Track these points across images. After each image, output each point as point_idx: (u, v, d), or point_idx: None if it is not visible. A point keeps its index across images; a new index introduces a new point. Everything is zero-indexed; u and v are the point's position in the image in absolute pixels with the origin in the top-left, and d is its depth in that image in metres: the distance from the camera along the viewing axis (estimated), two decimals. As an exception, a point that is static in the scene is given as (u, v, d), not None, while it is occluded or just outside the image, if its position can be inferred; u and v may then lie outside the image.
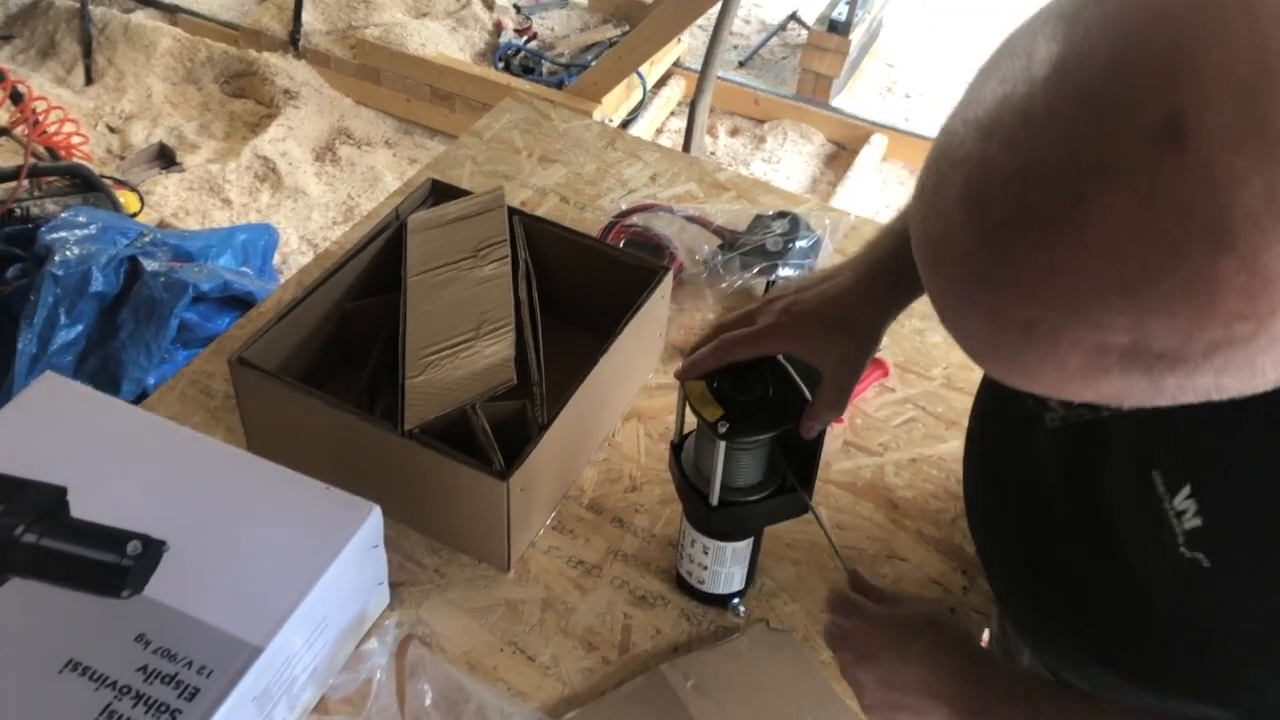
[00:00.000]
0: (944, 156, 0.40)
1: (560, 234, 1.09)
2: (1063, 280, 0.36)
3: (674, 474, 0.84)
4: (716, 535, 0.83)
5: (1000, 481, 0.75)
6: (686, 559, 0.87)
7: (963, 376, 1.12)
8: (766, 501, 0.80)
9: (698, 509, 0.81)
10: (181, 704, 0.66)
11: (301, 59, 3.11)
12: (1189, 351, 0.36)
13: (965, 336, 0.43)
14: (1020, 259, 0.37)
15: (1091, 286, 0.36)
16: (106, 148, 2.85)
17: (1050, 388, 0.41)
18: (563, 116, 1.47)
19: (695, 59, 3.15)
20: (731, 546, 0.83)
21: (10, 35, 3.24)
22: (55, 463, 0.79)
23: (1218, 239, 0.33)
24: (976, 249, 0.38)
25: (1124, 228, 0.34)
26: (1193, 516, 0.52)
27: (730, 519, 0.80)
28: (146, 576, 0.73)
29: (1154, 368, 0.37)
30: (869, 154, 2.94)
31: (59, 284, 1.74)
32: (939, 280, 0.42)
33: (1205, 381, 0.37)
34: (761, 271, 1.19)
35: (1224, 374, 0.36)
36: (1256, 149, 0.32)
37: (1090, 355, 0.37)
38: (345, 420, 0.88)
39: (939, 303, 0.43)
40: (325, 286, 1.00)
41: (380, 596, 0.86)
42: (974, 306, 0.40)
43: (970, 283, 0.39)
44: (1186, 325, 0.35)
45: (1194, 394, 0.38)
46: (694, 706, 0.81)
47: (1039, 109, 0.36)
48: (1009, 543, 0.74)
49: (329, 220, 2.69)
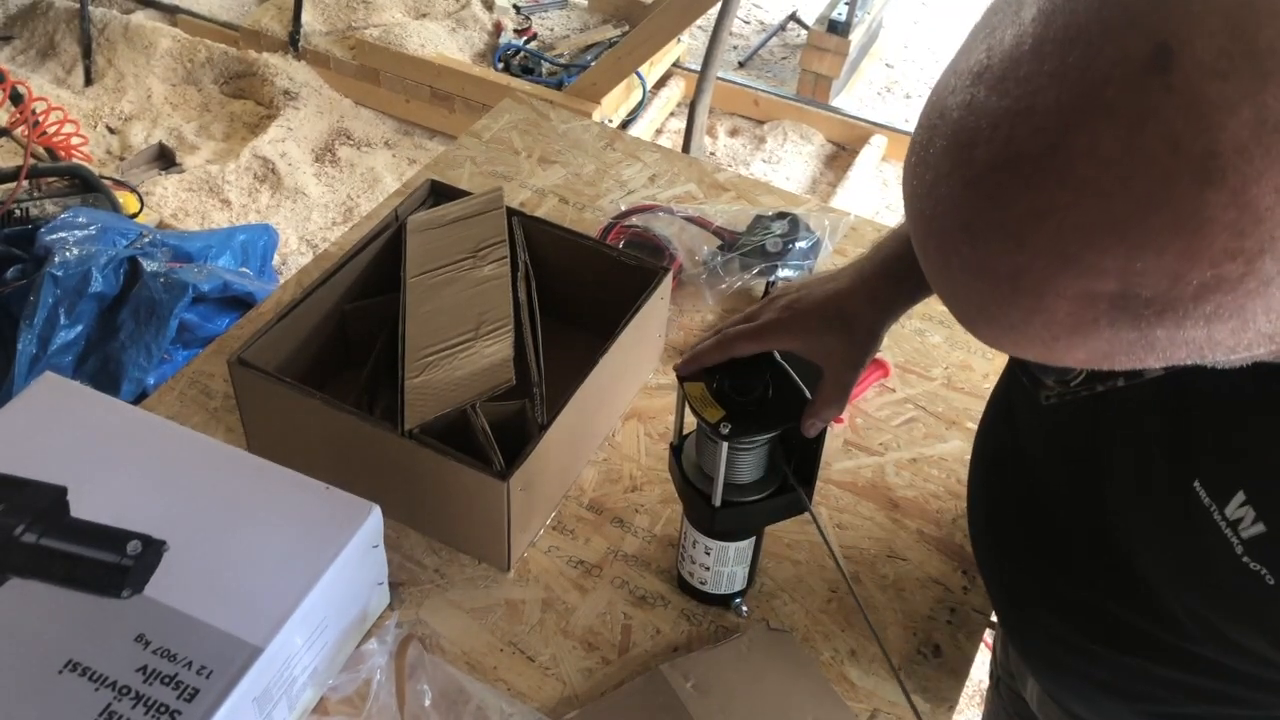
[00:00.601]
0: (934, 109, 0.39)
1: (559, 235, 1.09)
2: (1050, 224, 0.36)
3: (674, 475, 0.84)
4: (719, 536, 0.83)
5: (1005, 508, 0.75)
6: (688, 560, 0.87)
7: (963, 376, 1.12)
8: (768, 501, 0.80)
9: (700, 510, 0.80)
10: (181, 705, 0.66)
11: (301, 60, 3.11)
12: (1178, 295, 0.35)
13: (953, 296, 0.42)
14: (1007, 203, 0.36)
15: (1079, 226, 0.35)
16: (106, 149, 2.85)
17: (1040, 346, 0.40)
18: (562, 117, 1.47)
19: (695, 59, 3.15)
20: (734, 546, 0.83)
21: (10, 36, 3.24)
22: (55, 462, 0.79)
23: (1206, 171, 0.32)
24: (963, 196, 0.38)
25: (1111, 162, 0.34)
26: (1252, 524, 0.50)
27: (733, 519, 0.80)
28: (146, 576, 0.73)
29: (1143, 316, 0.36)
30: (869, 154, 2.94)
31: (59, 284, 1.74)
32: (927, 236, 0.41)
33: (1196, 333, 0.36)
34: (761, 272, 1.19)
35: (1214, 322, 0.35)
36: (1245, 77, 0.32)
37: (1078, 305, 0.37)
38: (345, 420, 0.88)
39: (929, 263, 0.42)
40: (325, 287, 1.00)
41: (380, 597, 0.86)
42: (962, 262, 0.39)
43: (957, 236, 0.39)
44: (1175, 264, 0.34)
45: (1185, 349, 0.37)
46: (694, 707, 0.81)
47: (1026, 51, 0.36)
48: (1015, 561, 0.74)
49: (328, 221, 2.69)
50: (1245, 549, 0.50)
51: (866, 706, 0.83)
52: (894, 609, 0.90)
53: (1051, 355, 0.40)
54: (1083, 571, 0.66)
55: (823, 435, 0.77)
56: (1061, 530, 0.68)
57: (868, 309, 0.76)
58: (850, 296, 0.76)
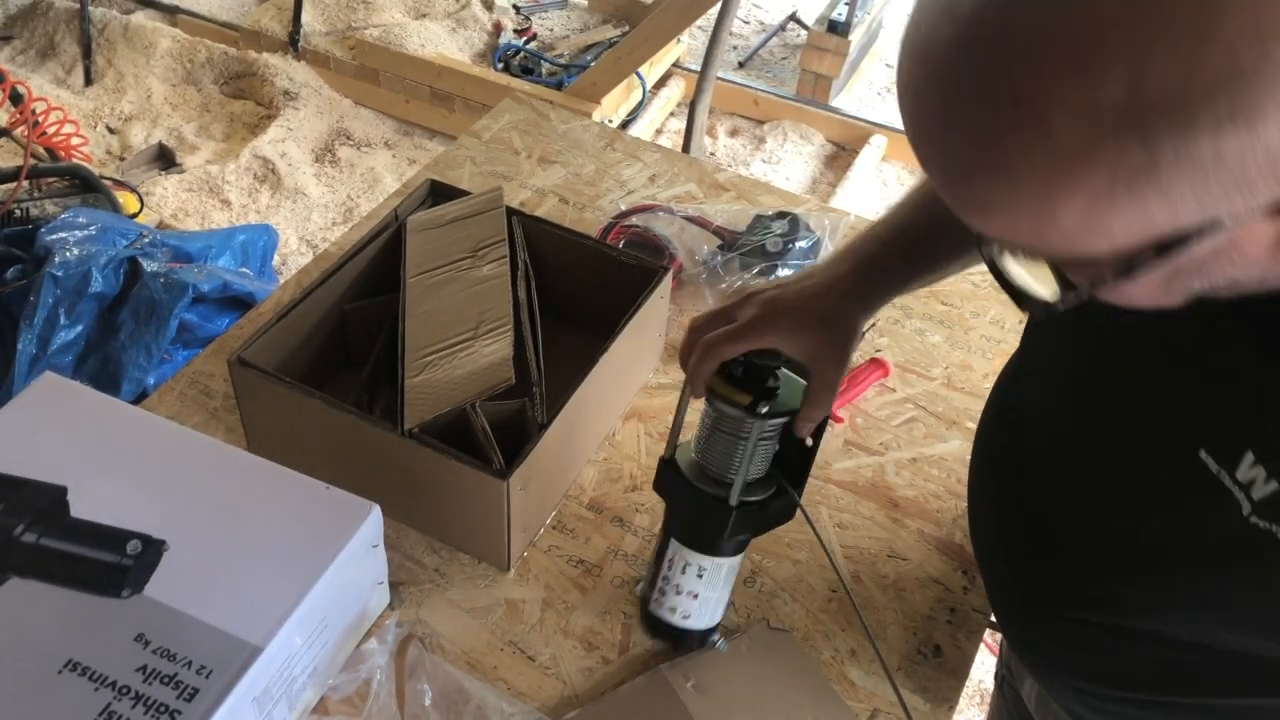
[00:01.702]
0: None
1: (559, 234, 1.09)
2: (1055, 34, 0.35)
3: (671, 487, 0.78)
4: (728, 543, 0.78)
5: (1005, 506, 0.75)
6: (671, 593, 0.81)
7: (963, 376, 1.12)
8: (773, 501, 0.78)
9: (708, 519, 0.76)
10: (181, 704, 0.66)
11: (301, 60, 3.11)
12: (1189, 94, 0.34)
13: (947, 141, 0.40)
14: (1009, 21, 0.36)
15: (1087, 27, 0.34)
16: (106, 149, 2.85)
17: (1039, 193, 0.38)
18: (562, 117, 1.47)
19: (695, 59, 3.15)
20: (727, 564, 0.80)
21: (10, 36, 3.24)
22: (55, 462, 0.79)
23: None
24: (964, 23, 0.37)
25: None
26: (1265, 483, 0.50)
27: (744, 523, 0.77)
28: (146, 576, 0.73)
29: (1150, 129, 0.35)
30: (869, 154, 2.94)
31: (59, 285, 1.75)
32: (925, 80, 0.40)
33: (1204, 148, 0.35)
34: (761, 272, 1.19)
35: (1223, 130, 0.34)
36: None
37: (1083, 123, 0.36)
38: (345, 420, 0.88)
39: (925, 109, 0.41)
40: (324, 287, 1.00)
41: (380, 596, 0.86)
42: (960, 96, 0.38)
43: (957, 65, 0.38)
44: (1186, 58, 0.33)
45: (1190, 180, 0.36)
46: (694, 706, 0.81)
47: None
48: (1014, 559, 0.73)
49: (328, 221, 2.69)
50: (1255, 509, 0.50)
51: (867, 706, 0.83)
52: (894, 609, 0.90)
53: (1050, 205, 0.38)
54: (1084, 564, 0.66)
55: (820, 436, 0.77)
56: (1063, 525, 0.68)
57: (843, 305, 0.75)
58: (827, 294, 0.75)
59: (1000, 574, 0.75)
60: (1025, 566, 0.71)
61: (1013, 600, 0.75)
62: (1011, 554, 0.73)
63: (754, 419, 0.72)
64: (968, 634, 0.89)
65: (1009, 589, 0.75)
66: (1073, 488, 0.66)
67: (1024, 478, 0.72)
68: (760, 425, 0.73)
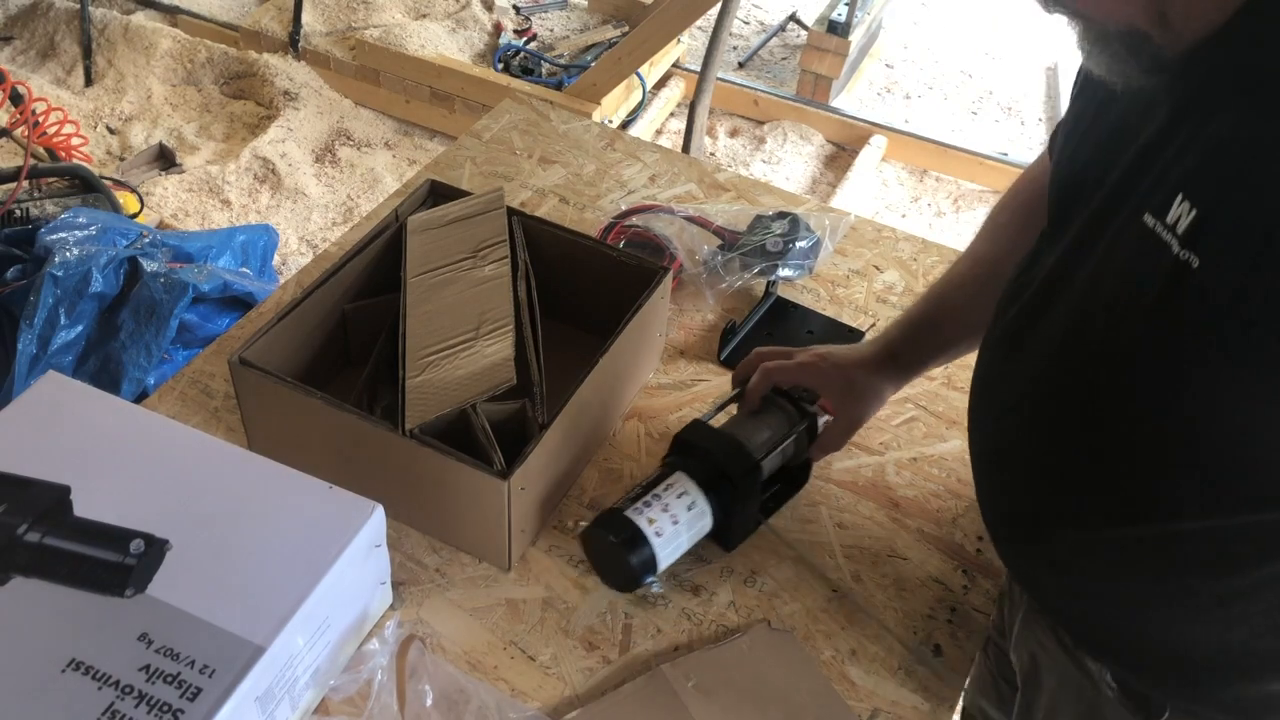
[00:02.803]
0: None
1: (560, 235, 1.09)
2: None
3: (706, 431, 0.92)
4: (741, 488, 0.88)
5: (999, 414, 0.80)
6: (656, 506, 0.85)
7: (963, 376, 1.13)
8: (768, 487, 0.95)
9: (733, 461, 0.88)
10: (184, 704, 0.66)
11: (301, 60, 3.11)
12: None
13: None
14: None
15: None
16: (106, 149, 2.85)
17: None
18: (562, 117, 1.47)
19: (695, 60, 3.15)
20: (706, 520, 0.88)
21: (10, 36, 3.24)
22: (58, 462, 0.79)
23: None
24: None
25: None
26: (1187, 215, 0.56)
27: (753, 481, 0.90)
28: (149, 575, 0.73)
29: None
30: (869, 154, 2.95)
31: (59, 285, 1.75)
32: None
33: None
34: (761, 272, 1.19)
35: None
36: None
37: None
38: (346, 420, 0.88)
39: None
40: (325, 287, 1.01)
41: (383, 596, 0.86)
42: None
43: None
44: None
45: None
46: (695, 707, 0.81)
47: None
48: (1012, 470, 0.77)
49: (328, 221, 2.69)
50: (1180, 243, 0.56)
51: (867, 706, 0.83)
52: (894, 609, 0.90)
53: None
54: (1074, 424, 0.70)
55: (806, 470, 0.99)
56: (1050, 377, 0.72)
57: (874, 379, 0.96)
58: (863, 366, 0.96)
59: (997, 486, 0.80)
60: (1024, 476, 0.76)
61: (1010, 512, 0.79)
62: (1009, 461, 0.77)
63: (801, 415, 0.94)
64: (968, 634, 0.89)
65: (1007, 499, 0.79)
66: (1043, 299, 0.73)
67: (1015, 367, 0.77)
68: (800, 425, 0.93)
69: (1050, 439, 0.71)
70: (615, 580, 0.88)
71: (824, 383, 0.95)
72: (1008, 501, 0.78)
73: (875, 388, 0.95)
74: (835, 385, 0.95)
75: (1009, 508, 0.79)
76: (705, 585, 0.91)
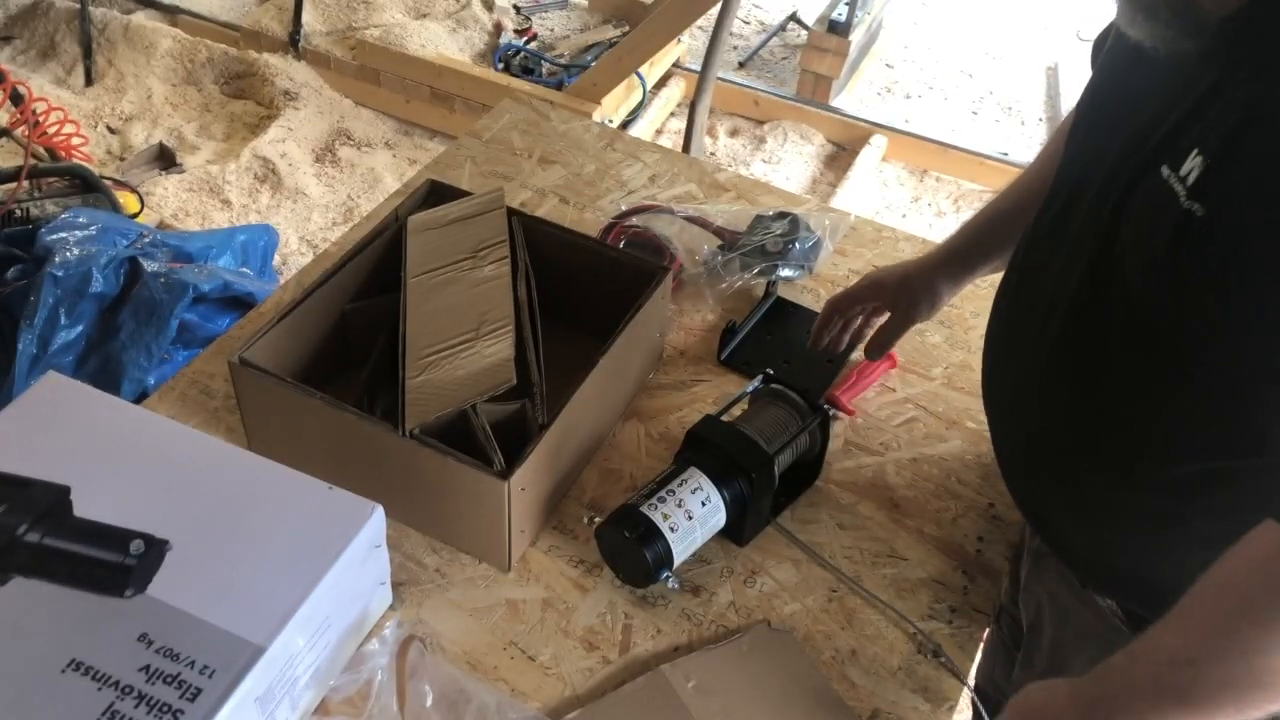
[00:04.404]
0: None
1: (560, 235, 1.09)
2: None
3: (719, 426, 0.94)
4: (757, 483, 0.89)
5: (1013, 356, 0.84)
6: (671, 502, 0.87)
7: (963, 376, 1.13)
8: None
9: (743, 459, 0.90)
10: (184, 704, 0.66)
11: (301, 60, 3.11)
12: None
13: None
14: None
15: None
16: (106, 149, 2.85)
17: None
18: (562, 117, 1.47)
19: (695, 59, 3.15)
20: (719, 516, 0.88)
21: (10, 36, 3.24)
22: (59, 462, 0.79)
23: None
24: None
25: None
26: (1199, 167, 0.59)
27: (768, 478, 0.91)
28: (149, 576, 0.73)
29: None
30: (869, 154, 2.94)
31: (59, 285, 1.74)
32: None
33: None
34: (761, 272, 1.19)
35: None
36: None
37: None
38: (346, 420, 0.88)
39: None
40: (325, 287, 1.01)
41: (382, 597, 0.86)
42: None
43: None
44: None
45: None
46: (695, 707, 0.81)
47: None
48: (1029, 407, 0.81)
49: (329, 221, 2.69)
50: (1188, 193, 0.59)
51: (867, 706, 0.83)
52: (894, 609, 0.90)
53: None
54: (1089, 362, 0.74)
55: (818, 463, 0.99)
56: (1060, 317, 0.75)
57: (934, 280, 1.01)
58: (922, 267, 1.02)
59: (1015, 427, 0.84)
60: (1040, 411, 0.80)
61: (1029, 450, 0.82)
62: (1024, 402, 0.81)
63: (813, 410, 0.97)
64: (968, 634, 0.89)
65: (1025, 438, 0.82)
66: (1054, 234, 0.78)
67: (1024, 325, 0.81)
68: (812, 420, 0.96)
69: (1073, 376, 0.75)
70: (631, 576, 0.88)
71: (881, 288, 1.02)
72: (1024, 437, 0.82)
73: (931, 286, 1.01)
74: (891, 288, 1.02)
75: (1025, 443, 0.83)
76: (705, 585, 0.91)
